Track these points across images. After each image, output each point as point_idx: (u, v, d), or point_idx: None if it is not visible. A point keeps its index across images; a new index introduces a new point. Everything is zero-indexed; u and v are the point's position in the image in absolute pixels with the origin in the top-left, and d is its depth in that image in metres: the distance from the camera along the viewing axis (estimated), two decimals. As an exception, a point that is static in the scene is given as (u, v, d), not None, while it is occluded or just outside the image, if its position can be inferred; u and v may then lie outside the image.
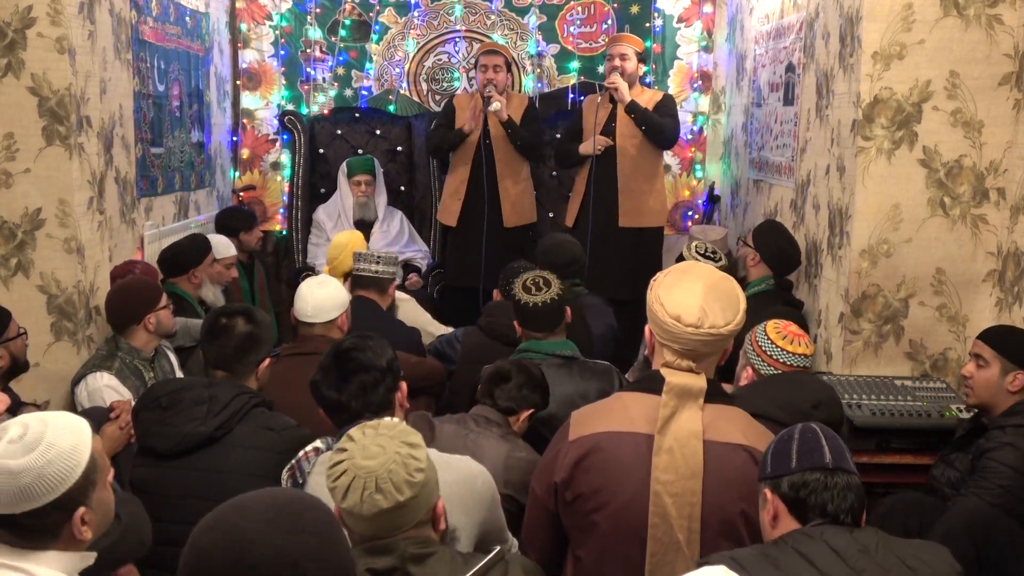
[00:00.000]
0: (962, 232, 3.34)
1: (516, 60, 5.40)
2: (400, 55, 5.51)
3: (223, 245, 4.23)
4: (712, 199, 5.54)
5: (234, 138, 5.54)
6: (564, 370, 2.96)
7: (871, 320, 3.41)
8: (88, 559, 1.64)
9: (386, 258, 3.76)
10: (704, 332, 1.87)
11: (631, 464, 1.89)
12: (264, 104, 5.49)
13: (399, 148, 5.54)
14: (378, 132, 5.55)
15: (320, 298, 3.13)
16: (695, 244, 4.09)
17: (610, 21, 5.39)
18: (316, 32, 5.43)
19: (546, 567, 2.04)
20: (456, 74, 5.54)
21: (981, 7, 3.22)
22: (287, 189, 5.45)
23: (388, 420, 1.97)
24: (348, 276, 3.93)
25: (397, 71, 5.52)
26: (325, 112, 5.51)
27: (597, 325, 3.65)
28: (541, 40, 5.46)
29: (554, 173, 5.47)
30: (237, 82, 5.49)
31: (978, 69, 3.25)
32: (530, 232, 5.09)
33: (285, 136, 5.46)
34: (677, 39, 5.44)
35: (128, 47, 3.79)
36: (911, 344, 3.41)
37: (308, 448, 2.29)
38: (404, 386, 2.29)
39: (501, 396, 2.64)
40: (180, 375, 3.33)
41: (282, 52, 5.45)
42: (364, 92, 5.53)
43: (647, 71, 5.31)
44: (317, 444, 2.29)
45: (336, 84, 5.49)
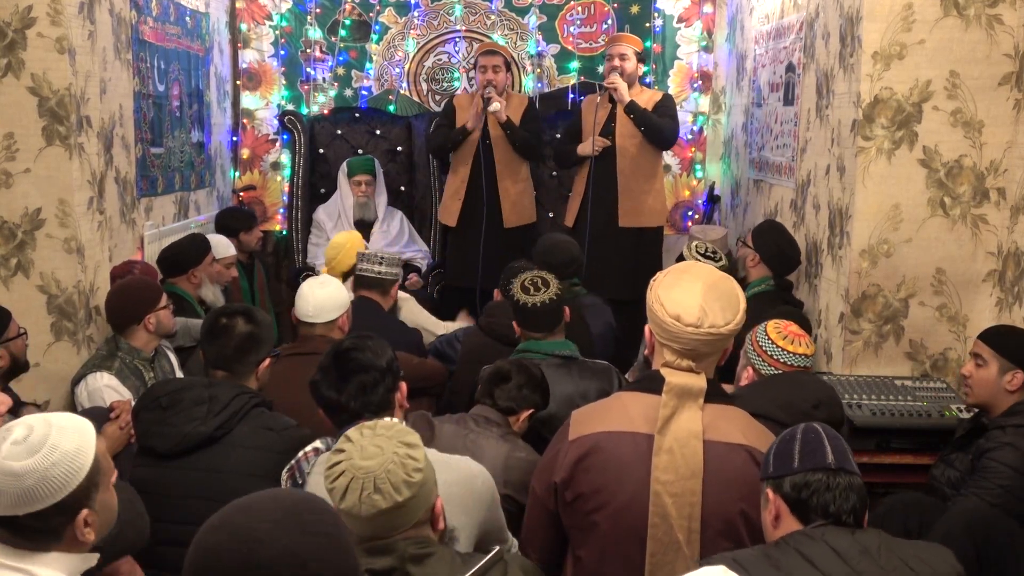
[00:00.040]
0: (962, 232, 3.34)
1: (516, 60, 5.40)
2: (400, 55, 5.50)
3: (222, 245, 4.23)
4: (712, 199, 5.54)
5: (234, 138, 5.54)
6: (563, 370, 2.96)
7: (871, 320, 3.41)
8: (90, 560, 1.64)
9: (389, 259, 3.76)
10: (704, 332, 1.87)
11: (631, 464, 1.89)
12: (264, 104, 5.49)
13: (399, 148, 5.54)
14: (378, 132, 5.54)
15: (321, 298, 3.13)
16: (695, 244, 4.08)
17: (610, 21, 5.39)
18: (316, 32, 5.43)
19: (546, 567, 2.04)
20: (456, 74, 5.53)
21: (981, 7, 3.22)
22: (287, 189, 5.45)
23: (386, 420, 1.97)
24: (346, 276, 3.93)
25: (397, 71, 5.52)
26: (325, 112, 5.51)
27: (596, 325, 3.65)
28: (541, 40, 5.46)
29: (554, 173, 5.46)
30: (237, 82, 5.49)
31: (978, 69, 3.25)
32: (530, 232, 5.08)
33: (285, 136, 5.45)
34: (677, 39, 5.43)
35: (128, 47, 3.79)
36: (911, 344, 3.41)
37: (308, 448, 2.29)
38: (404, 386, 2.29)
39: (501, 396, 2.64)
40: (180, 375, 3.33)
41: (282, 52, 5.45)
42: (364, 92, 5.53)
43: (647, 71, 5.31)
44: (317, 444, 2.29)
45: (336, 84, 5.49)
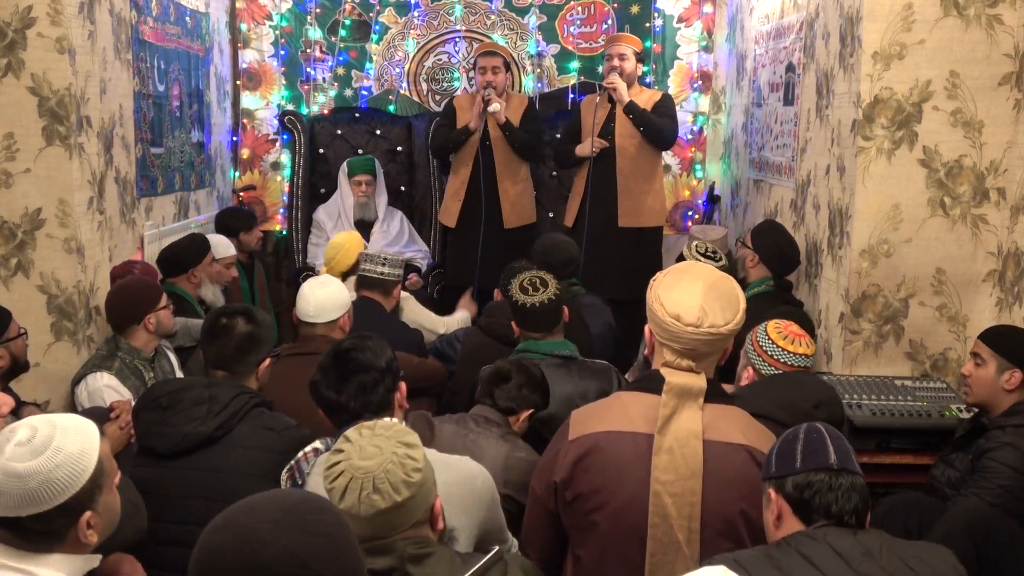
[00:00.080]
0: (962, 232, 3.34)
1: (516, 60, 5.40)
2: (400, 55, 5.50)
3: (222, 245, 4.23)
4: (712, 199, 5.54)
5: (234, 138, 5.54)
6: (563, 370, 2.96)
7: (871, 320, 3.40)
8: (93, 561, 1.64)
9: (392, 260, 3.76)
10: (704, 332, 1.87)
11: (631, 464, 1.89)
12: (264, 104, 5.49)
13: (399, 148, 5.54)
14: (378, 132, 5.54)
15: (322, 298, 3.13)
16: (695, 244, 4.08)
17: (610, 21, 5.39)
18: (316, 32, 5.42)
19: (546, 567, 2.04)
20: (456, 74, 5.53)
21: (981, 7, 3.22)
22: (287, 189, 5.45)
23: (385, 420, 1.97)
24: (346, 275, 3.93)
25: (397, 71, 5.52)
26: (325, 112, 5.51)
27: (595, 324, 3.64)
28: (541, 40, 5.46)
29: (554, 173, 5.46)
30: (237, 82, 5.49)
31: (978, 69, 3.25)
32: (530, 232, 5.08)
33: (285, 136, 5.45)
34: (677, 39, 5.43)
35: (128, 47, 3.79)
36: (911, 344, 3.41)
37: (308, 448, 2.29)
38: (403, 386, 2.29)
39: (501, 396, 2.64)
40: (180, 375, 3.33)
41: (282, 52, 5.45)
42: (364, 92, 5.53)
43: (647, 71, 5.31)
44: (317, 445, 2.29)
45: (336, 84, 5.49)
